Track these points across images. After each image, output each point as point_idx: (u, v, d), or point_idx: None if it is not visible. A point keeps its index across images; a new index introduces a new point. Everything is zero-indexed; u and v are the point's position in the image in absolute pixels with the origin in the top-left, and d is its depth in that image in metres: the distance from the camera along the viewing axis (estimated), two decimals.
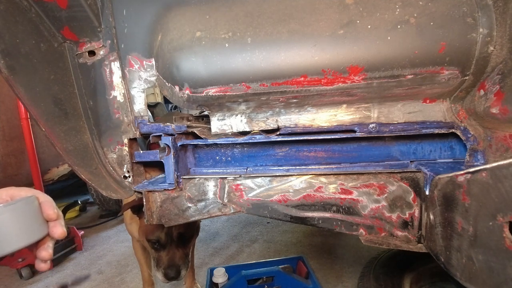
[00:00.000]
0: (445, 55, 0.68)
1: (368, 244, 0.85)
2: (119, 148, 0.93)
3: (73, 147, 0.89)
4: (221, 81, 0.77)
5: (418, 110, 0.82)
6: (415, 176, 0.81)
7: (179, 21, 0.78)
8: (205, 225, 2.94)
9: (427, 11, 0.67)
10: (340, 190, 0.85)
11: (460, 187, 0.63)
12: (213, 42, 0.75)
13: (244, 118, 0.89)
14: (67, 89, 0.89)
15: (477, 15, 0.66)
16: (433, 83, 0.73)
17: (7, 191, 0.66)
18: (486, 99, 0.69)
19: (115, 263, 2.42)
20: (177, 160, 0.89)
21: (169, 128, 0.89)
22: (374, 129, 0.83)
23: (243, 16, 0.75)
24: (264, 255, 2.34)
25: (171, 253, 1.39)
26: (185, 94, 0.80)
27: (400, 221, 0.83)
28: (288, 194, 0.87)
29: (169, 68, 0.79)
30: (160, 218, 0.92)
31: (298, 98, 0.80)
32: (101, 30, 0.86)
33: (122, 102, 0.90)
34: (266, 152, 0.97)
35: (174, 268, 1.37)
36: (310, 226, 0.93)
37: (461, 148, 0.87)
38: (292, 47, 0.73)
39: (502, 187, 0.52)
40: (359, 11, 0.70)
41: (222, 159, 1.00)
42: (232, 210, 0.91)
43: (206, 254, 2.41)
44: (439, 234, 0.71)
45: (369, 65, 0.71)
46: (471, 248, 0.60)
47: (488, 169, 0.55)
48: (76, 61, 0.89)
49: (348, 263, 2.11)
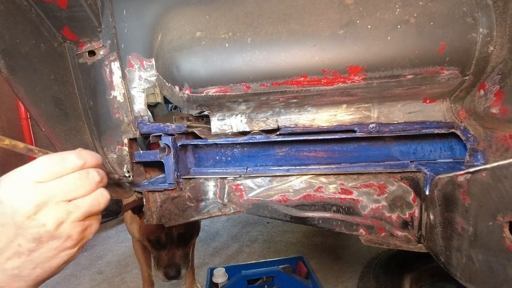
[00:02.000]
0: (445, 55, 0.68)
1: (368, 244, 0.85)
2: (119, 148, 0.93)
3: (73, 147, 0.88)
4: (221, 81, 0.77)
5: (418, 110, 0.82)
6: (415, 176, 0.81)
7: (179, 21, 0.78)
8: (205, 225, 2.94)
9: (427, 11, 0.67)
10: (340, 190, 0.85)
11: (460, 187, 0.63)
12: (213, 42, 0.75)
13: (244, 118, 0.89)
14: (67, 89, 0.89)
15: (477, 15, 0.66)
16: (433, 83, 0.73)
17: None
18: (486, 99, 0.69)
19: (115, 263, 2.42)
20: (177, 160, 0.89)
21: (169, 128, 0.89)
22: (374, 129, 0.83)
23: (243, 16, 0.75)
24: (264, 255, 2.34)
25: (172, 252, 1.40)
26: (185, 94, 0.80)
27: (400, 221, 0.83)
28: (288, 194, 0.87)
29: (169, 68, 0.79)
30: (160, 218, 0.92)
31: (298, 98, 0.80)
32: (101, 30, 0.86)
33: (122, 102, 0.90)
34: (266, 152, 0.97)
35: (175, 267, 1.37)
36: (310, 226, 0.93)
37: (461, 148, 0.87)
38: (292, 47, 0.73)
39: (502, 187, 0.52)
40: (359, 11, 0.70)
41: (222, 159, 1.00)
42: (232, 210, 0.91)
43: (206, 254, 2.41)
44: (439, 234, 0.72)
45: (369, 65, 0.71)
46: (471, 248, 0.60)
47: (488, 169, 0.55)
48: (76, 61, 0.89)
49: (348, 263, 2.11)
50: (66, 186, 0.45)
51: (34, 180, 0.44)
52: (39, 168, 0.44)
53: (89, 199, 0.48)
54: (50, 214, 0.44)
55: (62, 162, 0.46)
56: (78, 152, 0.49)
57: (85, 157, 0.49)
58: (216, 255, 2.39)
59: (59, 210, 0.45)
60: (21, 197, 0.42)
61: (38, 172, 0.44)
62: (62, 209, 0.45)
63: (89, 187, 0.48)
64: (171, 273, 1.36)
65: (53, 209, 0.44)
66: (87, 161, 0.49)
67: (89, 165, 0.49)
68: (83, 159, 0.48)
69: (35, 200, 0.43)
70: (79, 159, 0.48)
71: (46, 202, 0.43)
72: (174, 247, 1.40)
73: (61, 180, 0.46)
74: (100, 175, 0.50)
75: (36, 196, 0.43)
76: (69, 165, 0.46)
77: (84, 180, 0.48)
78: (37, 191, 0.43)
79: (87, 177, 0.48)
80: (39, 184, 0.44)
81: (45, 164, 0.45)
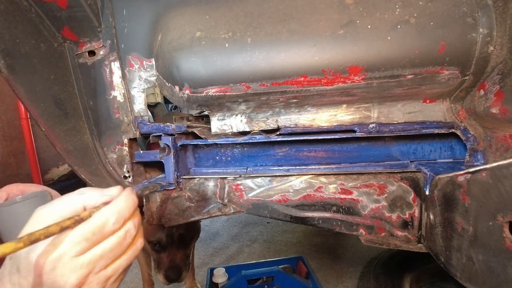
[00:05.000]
0: (445, 55, 0.68)
1: (368, 244, 0.85)
2: (119, 148, 0.93)
3: (73, 147, 0.89)
4: (221, 81, 0.77)
5: (418, 110, 0.82)
6: (415, 176, 0.81)
7: (179, 21, 0.78)
8: (205, 225, 2.94)
9: (427, 11, 0.67)
10: (340, 190, 0.85)
11: (460, 187, 0.63)
12: (213, 42, 0.75)
13: (244, 118, 0.89)
14: (67, 89, 0.89)
15: (477, 15, 0.66)
16: (433, 83, 0.73)
17: (17, 186, 0.67)
18: (486, 99, 0.69)
19: None
20: (177, 160, 0.89)
21: (169, 128, 0.89)
22: (374, 129, 0.83)
23: (243, 16, 0.75)
24: (264, 255, 2.34)
25: (172, 254, 1.39)
26: (185, 94, 0.80)
27: (400, 221, 0.83)
28: (288, 194, 0.87)
29: (169, 68, 0.79)
30: (160, 218, 0.92)
31: (298, 98, 0.80)
32: (101, 30, 0.86)
33: (122, 102, 0.90)
34: (266, 152, 0.97)
35: (175, 270, 1.36)
36: (310, 226, 0.93)
37: (461, 148, 0.87)
38: (292, 47, 0.73)
39: (502, 187, 0.52)
40: (359, 11, 0.70)
41: (222, 159, 1.00)
42: (232, 210, 0.91)
43: (206, 254, 2.41)
44: (439, 234, 0.72)
45: (369, 65, 0.71)
46: (471, 248, 0.60)
47: (488, 169, 0.55)
48: (76, 61, 0.89)
49: (348, 263, 2.11)
50: (105, 254, 0.44)
51: (74, 256, 0.42)
52: (79, 241, 0.42)
53: (126, 257, 0.47)
54: (91, 287, 0.43)
55: (102, 229, 0.43)
56: (119, 210, 0.45)
57: (124, 215, 0.45)
58: (216, 255, 2.39)
59: (99, 280, 0.44)
60: (63, 275, 0.41)
61: (78, 247, 0.42)
62: (101, 278, 0.44)
63: (127, 245, 0.47)
64: (172, 275, 1.35)
65: (94, 281, 0.43)
66: (126, 217, 0.46)
67: (127, 219, 0.46)
68: (122, 217, 0.45)
69: (76, 277, 0.41)
70: (118, 222, 0.44)
71: (87, 275, 0.43)
72: (175, 249, 1.40)
73: (100, 248, 0.43)
74: (136, 227, 0.47)
75: (78, 273, 0.42)
76: (108, 231, 0.44)
77: (122, 243, 0.45)
78: (78, 267, 0.42)
79: (125, 238, 0.46)
80: (80, 258, 0.42)
81: (85, 236, 0.42)
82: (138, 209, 0.50)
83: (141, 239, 0.50)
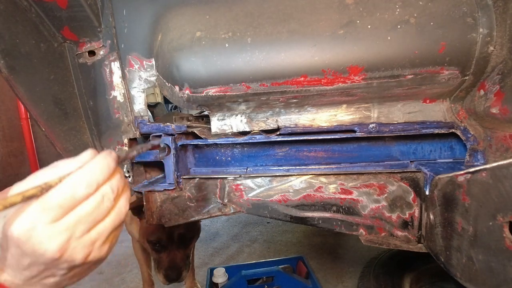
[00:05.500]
0: (445, 55, 0.68)
1: (368, 244, 0.85)
2: (119, 148, 0.93)
3: (73, 147, 0.89)
4: (221, 81, 0.77)
5: (418, 110, 0.82)
6: (415, 176, 0.81)
7: (179, 21, 0.78)
8: (205, 225, 2.94)
9: (427, 11, 0.67)
10: (340, 190, 0.85)
11: (460, 187, 0.63)
12: (213, 42, 0.75)
13: (244, 118, 0.89)
14: (67, 89, 0.89)
15: (477, 15, 0.66)
16: (433, 83, 0.73)
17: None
18: (486, 99, 0.69)
19: (115, 263, 2.42)
20: (177, 160, 0.89)
21: (169, 128, 0.89)
22: (374, 129, 0.83)
23: (243, 16, 0.75)
24: (264, 255, 2.34)
25: (172, 254, 1.39)
26: (185, 94, 0.80)
27: (400, 221, 0.83)
28: (288, 194, 0.87)
29: (169, 68, 0.79)
30: (160, 218, 0.92)
31: (298, 98, 0.80)
32: (101, 30, 0.86)
33: (122, 102, 0.90)
34: (266, 152, 0.97)
35: (175, 269, 1.36)
36: (310, 226, 0.93)
37: (461, 148, 0.87)
38: (292, 47, 0.73)
39: (502, 187, 0.52)
40: (359, 11, 0.70)
41: (222, 159, 1.00)
42: (232, 210, 0.91)
43: (206, 254, 2.41)
44: (439, 234, 0.72)
45: (369, 65, 0.71)
46: (471, 248, 0.60)
47: (488, 169, 0.55)
48: (76, 61, 0.89)
49: (348, 263, 2.11)
50: (83, 218, 0.43)
51: (48, 222, 0.41)
52: (50, 208, 0.41)
53: (109, 220, 0.46)
54: (76, 252, 0.42)
55: (74, 194, 0.42)
56: (88, 174, 0.44)
57: (96, 178, 0.44)
58: (216, 255, 2.39)
59: (83, 244, 0.43)
60: (41, 243, 0.40)
61: (51, 213, 0.41)
62: (85, 242, 0.43)
63: (107, 209, 0.45)
64: (172, 276, 1.35)
65: (78, 246, 0.43)
66: (99, 180, 0.44)
67: (102, 182, 0.45)
68: (95, 182, 0.44)
69: (56, 244, 0.41)
70: (90, 186, 0.43)
71: (68, 241, 0.42)
72: (175, 249, 1.39)
73: (76, 213, 0.43)
74: (114, 190, 0.46)
75: (56, 240, 0.41)
76: (81, 196, 0.43)
77: (100, 206, 0.44)
78: (55, 233, 0.41)
79: (103, 201, 0.45)
80: (55, 224, 0.41)
81: (55, 202, 0.41)
82: (120, 172, 0.49)
83: (124, 201, 0.48)
